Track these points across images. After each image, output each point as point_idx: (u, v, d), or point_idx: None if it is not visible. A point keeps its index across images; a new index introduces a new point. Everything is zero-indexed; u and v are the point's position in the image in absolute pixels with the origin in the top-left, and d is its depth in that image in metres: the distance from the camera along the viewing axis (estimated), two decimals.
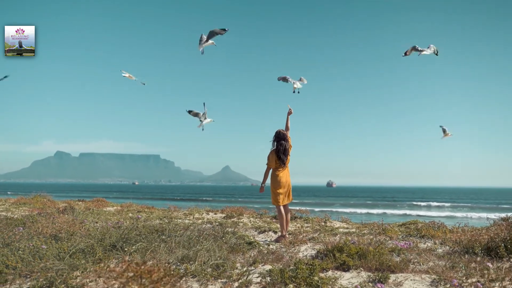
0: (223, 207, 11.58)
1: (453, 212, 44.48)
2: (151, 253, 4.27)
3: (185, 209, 11.69)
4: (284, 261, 4.49)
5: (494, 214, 37.54)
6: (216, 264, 3.88)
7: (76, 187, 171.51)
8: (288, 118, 6.84)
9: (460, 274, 3.73)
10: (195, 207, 11.75)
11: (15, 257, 3.93)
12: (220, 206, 12.36)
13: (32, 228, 5.76)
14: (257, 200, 64.63)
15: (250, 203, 50.11)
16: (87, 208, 10.99)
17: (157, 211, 11.43)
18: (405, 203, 59.80)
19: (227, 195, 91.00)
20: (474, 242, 4.93)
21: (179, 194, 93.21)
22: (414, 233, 6.20)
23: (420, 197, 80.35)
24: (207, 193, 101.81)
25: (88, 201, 14.48)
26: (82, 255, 4.08)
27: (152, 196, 77.88)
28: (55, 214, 7.89)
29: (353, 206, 52.18)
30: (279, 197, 6.39)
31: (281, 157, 6.39)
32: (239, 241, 5.34)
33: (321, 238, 6.27)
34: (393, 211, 46.13)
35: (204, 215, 10.27)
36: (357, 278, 3.86)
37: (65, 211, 9.49)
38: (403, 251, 4.87)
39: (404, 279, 3.71)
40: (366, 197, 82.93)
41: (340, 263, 4.21)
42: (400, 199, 74.08)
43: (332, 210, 37.77)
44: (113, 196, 67.91)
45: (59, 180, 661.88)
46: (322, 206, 45.49)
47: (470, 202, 64.59)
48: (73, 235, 5.18)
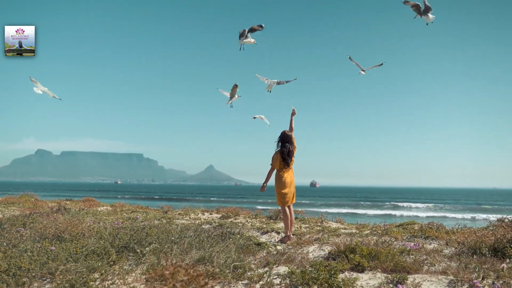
0: (217, 207, 11.53)
1: (434, 212, 45.20)
2: (163, 254, 4.22)
3: (179, 209, 11.61)
4: (297, 262, 4.49)
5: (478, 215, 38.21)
6: (235, 265, 3.85)
7: (58, 186, 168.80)
8: (292, 119, 6.87)
9: (475, 275, 3.78)
10: (190, 207, 11.68)
11: (26, 259, 3.85)
12: (210, 206, 12.28)
13: (34, 228, 5.65)
14: (245, 200, 64.74)
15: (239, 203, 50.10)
16: (81, 208, 10.83)
17: (152, 211, 11.32)
18: (388, 203, 60.48)
19: (213, 194, 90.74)
20: (481, 243, 5.01)
21: (163, 193, 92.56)
22: (419, 234, 6.26)
23: (402, 198, 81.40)
24: (193, 193, 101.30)
25: (78, 201, 14.26)
26: (95, 256, 4.01)
27: (137, 196, 77.04)
28: (53, 215, 7.74)
29: (337, 206, 52.61)
30: (285, 197, 6.42)
31: (286, 159, 6.42)
32: (247, 242, 5.33)
33: (325, 239, 6.30)
34: (376, 211, 46.69)
35: (200, 215, 10.22)
36: (375, 279, 3.88)
37: (59, 211, 9.33)
38: (412, 252, 4.92)
39: (421, 280, 3.74)
40: (349, 197, 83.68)
41: (355, 264, 4.23)
42: (382, 199, 74.92)
43: (317, 211, 38.00)
44: (99, 195, 67.02)
45: (40, 179, 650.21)
46: (306, 206, 45.65)
47: (450, 202, 65.71)
48: (77, 236, 5.09)
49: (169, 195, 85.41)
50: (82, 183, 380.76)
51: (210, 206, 12.59)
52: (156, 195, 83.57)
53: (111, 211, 10.84)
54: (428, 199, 75.19)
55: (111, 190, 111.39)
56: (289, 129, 6.76)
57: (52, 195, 49.28)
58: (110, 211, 10.84)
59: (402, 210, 49.84)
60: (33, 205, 11.96)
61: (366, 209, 49.73)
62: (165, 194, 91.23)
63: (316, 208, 42.93)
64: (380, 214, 41.27)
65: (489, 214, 38.84)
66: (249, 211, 10.57)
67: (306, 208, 38.83)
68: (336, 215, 10.38)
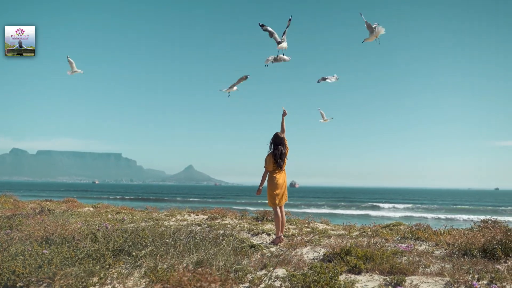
0: (202, 208, 11.44)
1: (412, 212, 45.96)
2: (160, 257, 4.17)
3: (165, 210, 11.49)
4: (293, 264, 4.50)
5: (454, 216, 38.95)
6: (236, 268, 3.84)
7: (34, 186, 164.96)
8: (283, 120, 6.82)
9: (470, 276, 3.85)
10: (175, 208, 11.57)
11: (19, 263, 3.74)
12: (190, 206, 12.13)
13: (22, 231, 5.52)
14: (224, 201, 64.64)
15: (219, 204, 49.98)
16: (64, 209, 10.60)
17: (137, 212, 11.17)
18: (366, 204, 61.19)
19: (192, 195, 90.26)
20: (471, 244, 5.12)
21: (142, 194, 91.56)
22: (409, 235, 6.35)
23: (381, 198, 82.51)
24: (172, 193, 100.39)
25: (59, 202, 13.96)
26: (90, 260, 3.93)
27: (115, 196, 75.92)
28: (38, 216, 7.57)
29: (316, 207, 53.01)
30: (276, 198, 6.45)
31: (278, 161, 6.44)
32: (241, 245, 5.31)
33: (317, 240, 6.32)
34: (354, 211, 47.22)
35: (186, 217, 10.12)
36: (372, 281, 3.92)
37: (42, 212, 9.11)
38: (405, 254, 4.99)
39: (419, 282, 3.80)
40: (328, 197, 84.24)
41: (351, 266, 4.26)
42: (361, 199, 75.75)
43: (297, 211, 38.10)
44: (76, 195, 65.69)
45: (15, 178, 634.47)
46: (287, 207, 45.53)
47: (427, 203, 66.91)
48: (67, 238, 4.99)
49: (147, 195, 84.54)
50: (58, 183, 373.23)
51: (190, 206, 12.44)
52: (135, 195, 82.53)
53: (95, 212, 10.66)
54: (406, 200, 76.38)
55: (89, 190, 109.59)
56: (280, 130, 6.75)
57: (29, 196, 48.19)
58: (94, 212, 10.65)
59: (380, 210, 50.55)
60: (13, 206, 11.65)
61: (345, 210, 50.25)
62: (144, 194, 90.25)
63: (296, 209, 43.04)
64: (358, 214, 41.75)
65: (463, 215, 39.85)
66: (236, 212, 10.53)
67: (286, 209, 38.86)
68: (316, 215, 10.39)
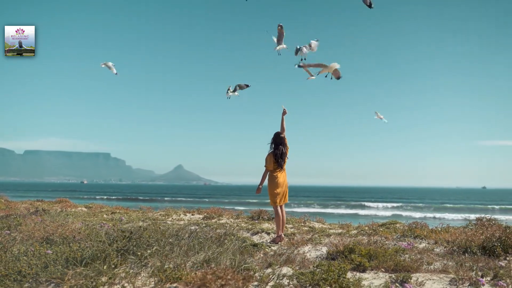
0: (197, 208, 11.43)
1: (401, 211, 46.36)
2: (165, 257, 4.16)
3: (160, 209, 11.45)
4: (298, 262, 4.53)
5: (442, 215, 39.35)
6: (245, 267, 3.84)
7: (22, 186, 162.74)
8: (283, 119, 6.82)
9: (474, 273, 3.91)
10: (171, 208, 11.54)
11: (24, 263, 3.72)
12: (179, 206, 12.08)
13: (21, 231, 5.46)
14: (213, 200, 64.55)
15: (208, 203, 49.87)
16: (58, 209, 10.50)
17: (133, 212, 11.11)
18: (355, 203, 61.52)
19: (182, 194, 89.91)
20: (471, 242, 5.20)
21: (131, 193, 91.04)
22: (408, 233, 6.42)
23: (370, 197, 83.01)
24: (161, 192, 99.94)
25: (52, 202, 13.82)
26: (96, 260, 3.90)
27: (103, 196, 75.30)
28: (37, 217, 7.49)
29: (306, 206, 53.15)
30: (277, 197, 6.48)
31: (279, 161, 6.47)
32: (243, 244, 5.32)
33: (317, 239, 6.37)
34: (344, 210, 47.47)
35: (182, 216, 10.10)
36: (378, 279, 3.96)
37: (36, 212, 9.02)
38: (406, 252, 5.05)
39: (424, 279, 3.85)
40: (317, 196, 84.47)
41: (356, 264, 4.30)
42: (350, 198, 76.15)
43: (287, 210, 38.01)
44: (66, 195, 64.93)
45: (2, 179, 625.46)
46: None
47: (416, 201, 67.54)
48: (68, 238, 4.96)
49: (137, 195, 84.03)
50: (47, 183, 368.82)
51: (180, 206, 12.40)
52: (124, 195, 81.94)
53: (89, 213, 10.58)
54: (395, 198, 76.98)
55: (78, 190, 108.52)
56: (280, 129, 6.76)
57: (18, 196, 47.53)
58: (89, 213, 10.57)
59: (369, 209, 50.88)
60: (5, 206, 11.51)
61: (334, 209, 50.46)
62: (133, 194, 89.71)
63: (286, 208, 43.05)
64: (347, 214, 41.97)
65: (451, 214, 40.36)
66: (232, 212, 10.54)
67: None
68: (305, 214, 10.39)
